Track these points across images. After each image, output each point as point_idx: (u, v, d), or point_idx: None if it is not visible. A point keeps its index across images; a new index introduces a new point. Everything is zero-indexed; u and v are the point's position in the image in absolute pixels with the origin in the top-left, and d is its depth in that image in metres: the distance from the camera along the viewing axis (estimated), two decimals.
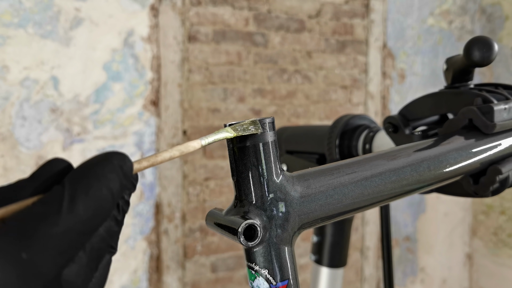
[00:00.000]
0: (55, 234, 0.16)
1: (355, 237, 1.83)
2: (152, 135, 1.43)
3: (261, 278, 0.24)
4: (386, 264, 0.55)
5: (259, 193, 0.25)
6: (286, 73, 1.66)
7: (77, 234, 0.17)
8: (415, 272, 2.01)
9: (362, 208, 0.28)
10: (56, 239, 0.16)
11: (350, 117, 0.55)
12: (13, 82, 1.25)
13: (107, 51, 1.35)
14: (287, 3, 1.65)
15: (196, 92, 1.50)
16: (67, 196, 0.17)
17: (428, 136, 0.41)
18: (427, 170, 0.31)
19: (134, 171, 0.20)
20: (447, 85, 0.42)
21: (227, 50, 1.55)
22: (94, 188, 0.18)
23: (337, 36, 1.75)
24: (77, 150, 1.33)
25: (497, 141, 0.37)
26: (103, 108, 1.36)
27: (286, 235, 0.25)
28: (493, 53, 0.37)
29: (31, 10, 1.26)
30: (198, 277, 1.52)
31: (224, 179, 1.56)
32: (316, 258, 0.63)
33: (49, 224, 0.16)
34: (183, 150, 0.22)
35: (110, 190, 0.18)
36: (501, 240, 2.01)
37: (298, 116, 1.68)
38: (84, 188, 0.17)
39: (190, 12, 1.48)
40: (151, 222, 1.45)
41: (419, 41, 1.95)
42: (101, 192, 0.18)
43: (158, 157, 0.21)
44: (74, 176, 0.18)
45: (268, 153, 0.25)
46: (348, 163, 0.29)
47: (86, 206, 0.17)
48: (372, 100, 1.83)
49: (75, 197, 0.17)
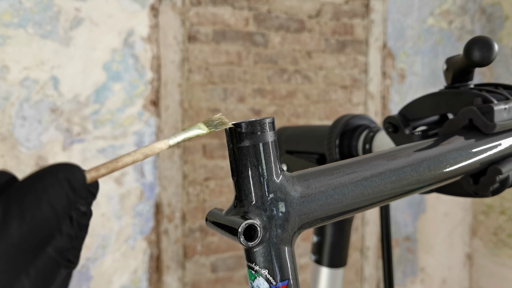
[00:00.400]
0: None
1: (355, 237, 1.83)
2: (152, 135, 1.43)
3: (261, 278, 0.24)
4: (386, 264, 0.55)
5: (259, 193, 0.25)
6: (286, 73, 1.66)
7: (10, 258, 0.15)
8: (415, 272, 2.01)
9: (362, 208, 0.28)
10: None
11: (350, 117, 0.55)
12: (13, 82, 1.25)
13: (107, 51, 1.35)
14: (287, 3, 1.65)
15: (196, 92, 1.50)
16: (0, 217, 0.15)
17: (428, 136, 0.41)
18: (427, 170, 0.31)
19: (90, 180, 0.18)
20: (447, 85, 0.42)
21: (227, 50, 1.55)
22: (33, 206, 0.16)
23: (337, 36, 1.75)
24: (77, 150, 1.33)
25: (497, 141, 0.37)
26: (103, 108, 1.36)
27: (286, 235, 0.25)
28: (493, 53, 0.37)
29: (31, 10, 1.26)
30: (198, 277, 1.52)
31: (224, 179, 1.56)
32: (316, 258, 0.63)
33: None
34: (148, 152, 0.20)
35: (51, 207, 0.16)
36: (501, 240, 2.01)
37: (298, 116, 1.68)
38: (19, 207, 0.16)
39: (190, 12, 1.48)
40: (151, 222, 1.45)
41: (419, 41, 1.95)
42: (40, 210, 0.16)
43: (119, 163, 0.19)
44: (11, 194, 0.16)
45: (268, 153, 0.25)
46: (348, 163, 0.29)
47: (20, 227, 0.15)
48: (372, 100, 1.83)
49: (7, 218, 0.15)
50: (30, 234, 0.16)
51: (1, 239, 0.15)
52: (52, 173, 0.17)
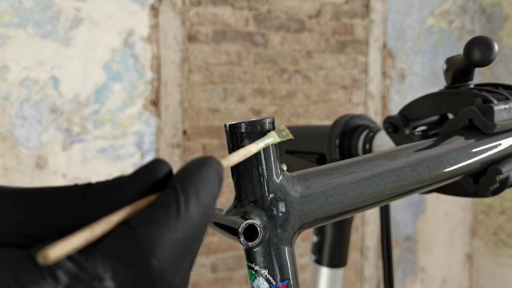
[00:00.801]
0: (177, 240, 0.16)
1: (355, 237, 1.83)
2: (152, 135, 1.43)
3: (261, 278, 0.24)
4: (386, 264, 0.55)
5: (259, 193, 0.25)
6: (286, 73, 1.66)
7: (192, 240, 0.17)
8: (415, 272, 2.01)
9: (362, 208, 0.28)
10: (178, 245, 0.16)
11: (350, 117, 0.55)
12: (13, 82, 1.25)
13: (107, 51, 1.35)
14: (287, 3, 1.65)
15: (196, 92, 1.50)
16: (183, 201, 0.17)
17: (428, 136, 0.41)
18: (427, 170, 0.31)
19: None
20: (447, 85, 0.42)
21: (227, 50, 1.55)
22: (202, 194, 0.17)
23: (337, 36, 1.75)
24: (77, 150, 1.33)
25: (497, 141, 0.37)
26: (103, 108, 1.36)
27: (286, 235, 0.25)
28: (493, 53, 0.37)
29: (31, 10, 1.26)
30: (198, 277, 1.52)
31: (224, 179, 1.56)
32: (316, 258, 0.63)
33: (171, 230, 0.16)
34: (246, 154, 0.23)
35: (213, 196, 0.18)
36: (501, 240, 2.01)
37: (298, 116, 1.68)
38: (195, 193, 0.17)
39: (190, 12, 1.48)
40: None
41: (419, 41, 1.95)
42: (208, 197, 0.18)
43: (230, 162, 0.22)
44: (183, 180, 0.17)
45: (268, 153, 0.25)
46: (348, 163, 0.29)
47: (198, 212, 0.17)
48: (372, 100, 1.83)
49: (188, 203, 0.17)
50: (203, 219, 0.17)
51: (187, 221, 0.17)
52: (209, 165, 0.19)
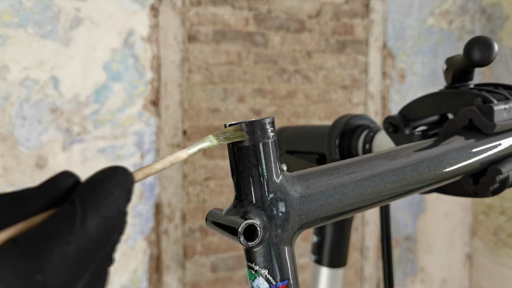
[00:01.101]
0: (68, 254, 0.16)
1: (355, 237, 1.83)
2: (152, 135, 1.43)
3: (261, 278, 0.24)
4: (386, 264, 0.55)
5: (259, 193, 0.25)
6: (286, 73, 1.66)
7: (87, 253, 0.16)
8: (415, 272, 2.01)
9: (362, 208, 0.28)
10: (69, 259, 0.16)
11: (350, 117, 0.55)
12: (13, 82, 1.25)
13: (107, 51, 1.35)
14: (287, 3, 1.65)
15: (196, 92, 1.50)
16: (79, 214, 0.16)
17: (428, 136, 0.41)
18: (427, 170, 0.31)
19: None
20: (447, 85, 0.42)
21: (227, 50, 1.55)
22: (104, 206, 0.17)
23: (337, 36, 1.75)
24: (77, 150, 1.33)
25: (497, 141, 0.37)
26: (103, 108, 1.36)
27: (286, 235, 0.25)
28: (493, 53, 0.37)
29: (31, 10, 1.26)
30: (198, 277, 1.52)
31: (224, 179, 1.56)
32: (316, 258, 0.63)
33: (62, 244, 0.16)
34: (173, 161, 0.22)
35: (117, 207, 0.18)
36: (501, 240, 2.01)
37: (298, 116, 1.68)
38: (94, 205, 0.17)
39: (190, 12, 1.48)
40: (151, 222, 1.45)
41: (419, 41, 1.95)
42: (110, 209, 0.17)
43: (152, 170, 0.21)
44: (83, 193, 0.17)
45: (268, 153, 0.25)
46: (348, 163, 0.29)
47: (97, 225, 0.17)
48: (372, 100, 1.83)
49: (86, 216, 0.16)
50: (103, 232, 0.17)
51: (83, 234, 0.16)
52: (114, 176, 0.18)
